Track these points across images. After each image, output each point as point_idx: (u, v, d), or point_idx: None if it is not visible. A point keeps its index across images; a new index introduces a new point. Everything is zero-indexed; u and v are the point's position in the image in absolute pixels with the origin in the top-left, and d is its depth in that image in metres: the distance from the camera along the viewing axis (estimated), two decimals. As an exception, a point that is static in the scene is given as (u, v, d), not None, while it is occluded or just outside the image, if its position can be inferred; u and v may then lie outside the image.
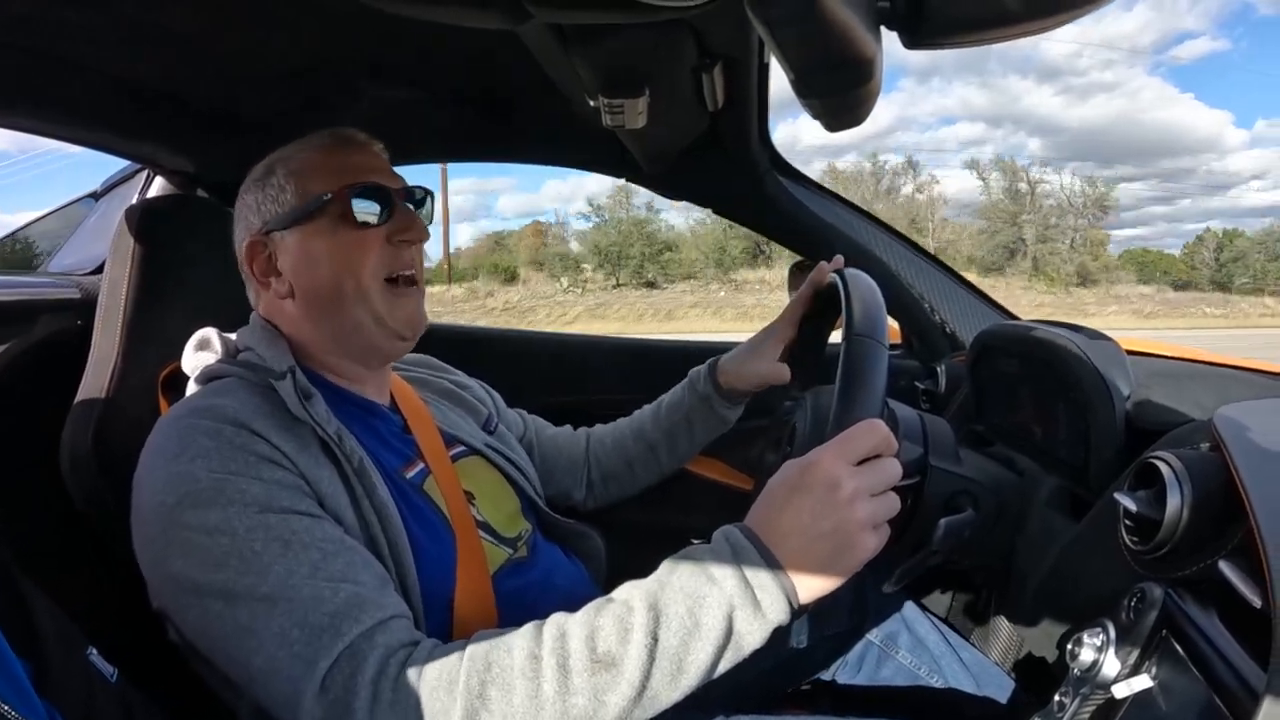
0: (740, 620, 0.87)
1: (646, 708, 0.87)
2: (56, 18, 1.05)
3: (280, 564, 0.91)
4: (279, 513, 0.94)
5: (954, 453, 1.25)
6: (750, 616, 0.87)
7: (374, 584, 0.94)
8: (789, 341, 1.48)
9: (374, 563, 0.98)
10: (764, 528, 0.92)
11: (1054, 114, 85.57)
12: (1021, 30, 0.53)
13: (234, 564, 0.91)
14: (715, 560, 0.90)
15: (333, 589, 0.90)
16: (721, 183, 2.03)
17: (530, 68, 1.21)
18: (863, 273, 1.19)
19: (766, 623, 0.88)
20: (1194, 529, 0.85)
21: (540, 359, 2.36)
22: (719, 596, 0.87)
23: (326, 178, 1.14)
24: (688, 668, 0.87)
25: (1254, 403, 1.09)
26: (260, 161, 1.19)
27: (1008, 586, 1.32)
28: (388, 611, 0.92)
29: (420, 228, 1.20)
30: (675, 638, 0.86)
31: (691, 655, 0.86)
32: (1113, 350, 1.28)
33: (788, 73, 0.62)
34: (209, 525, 0.92)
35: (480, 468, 1.31)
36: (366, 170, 1.17)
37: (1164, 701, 0.78)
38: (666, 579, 0.91)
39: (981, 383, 1.63)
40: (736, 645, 0.88)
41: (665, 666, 0.86)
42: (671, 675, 0.86)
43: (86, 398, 1.27)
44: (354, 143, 1.21)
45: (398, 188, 1.18)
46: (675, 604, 0.88)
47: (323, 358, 1.19)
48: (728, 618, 0.87)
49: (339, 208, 1.13)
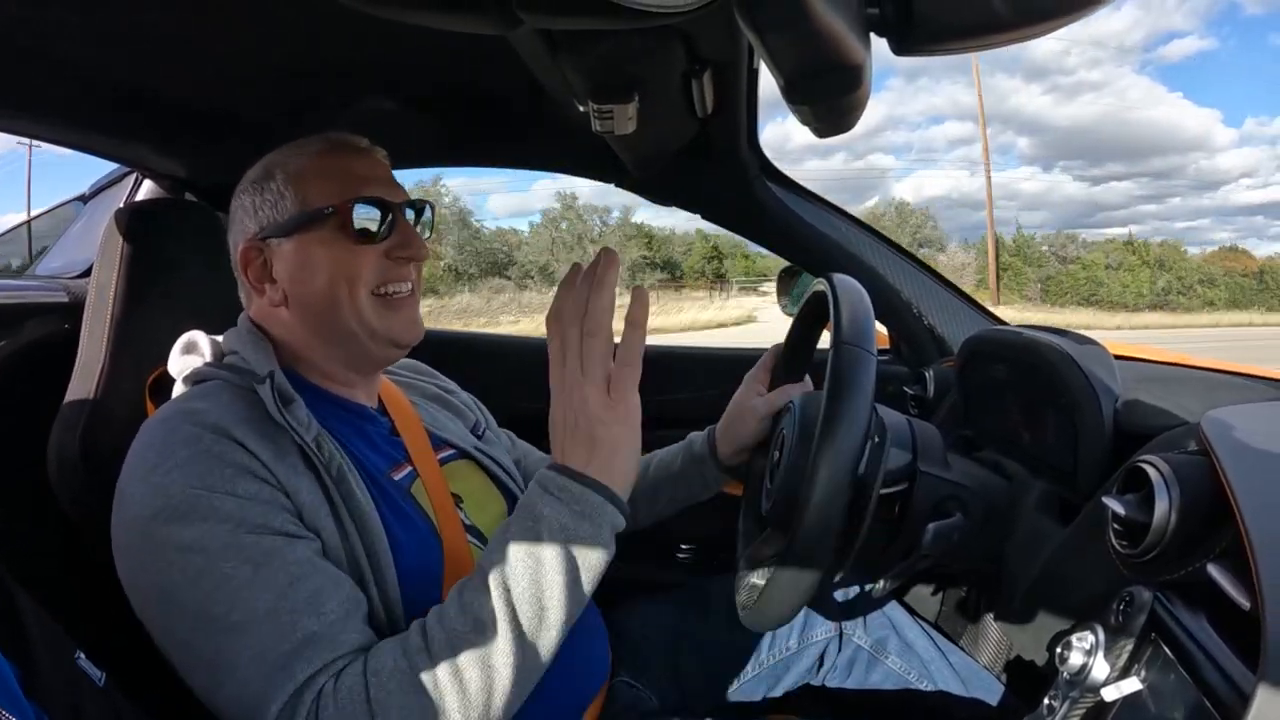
0: (575, 537, 0.95)
1: (532, 656, 0.93)
2: (44, 19, 1.05)
3: (249, 590, 0.92)
4: (253, 532, 0.94)
5: (942, 458, 1.25)
6: (578, 528, 0.96)
7: (338, 615, 0.95)
8: (766, 390, 1.48)
9: (344, 585, 0.98)
10: (555, 455, 1.03)
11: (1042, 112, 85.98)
12: (1011, 37, 0.54)
13: (205, 586, 0.92)
14: (531, 501, 0.98)
15: (292, 624, 0.91)
16: (710, 188, 2.03)
17: (520, 73, 1.21)
18: (852, 279, 1.19)
19: (597, 527, 0.97)
20: (1182, 532, 0.85)
21: (528, 363, 2.35)
22: (546, 528, 0.95)
23: (328, 188, 1.13)
24: (548, 603, 0.93)
25: (1241, 406, 1.10)
26: (255, 163, 1.18)
27: (997, 590, 1.33)
28: (340, 650, 0.93)
29: (420, 245, 1.19)
30: (525, 580, 0.94)
31: (546, 591, 0.93)
32: (1100, 354, 1.28)
33: (777, 79, 0.62)
34: (183, 542, 0.93)
35: (469, 471, 1.31)
36: (369, 181, 1.16)
37: (1153, 704, 0.78)
38: (502, 535, 0.98)
39: (970, 388, 1.63)
40: (586, 563, 0.96)
41: (528, 610, 0.92)
42: (538, 615, 0.93)
43: (74, 401, 1.27)
44: (356, 149, 1.20)
45: (399, 201, 1.18)
46: (515, 552, 0.95)
47: (315, 363, 1.18)
48: (563, 543, 0.95)
49: (339, 220, 1.12)
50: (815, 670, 1.51)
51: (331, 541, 1.01)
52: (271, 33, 1.20)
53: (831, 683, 1.50)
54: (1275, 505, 0.81)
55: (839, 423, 0.99)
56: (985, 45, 0.55)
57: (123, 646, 0.97)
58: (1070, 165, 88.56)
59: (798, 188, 2.07)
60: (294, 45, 1.25)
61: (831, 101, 0.65)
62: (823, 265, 2.03)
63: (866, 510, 1.10)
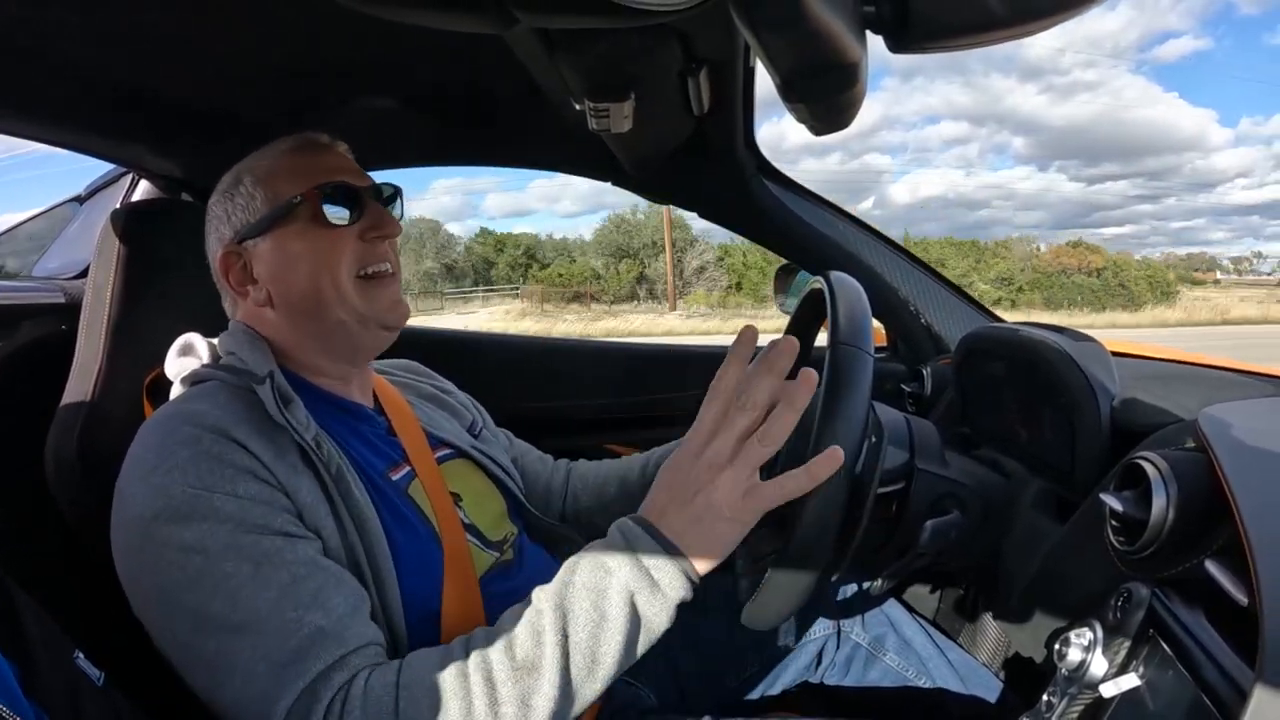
0: (642, 603, 0.92)
1: (571, 703, 0.91)
2: (43, 19, 1.05)
3: (250, 588, 0.91)
4: (253, 532, 0.94)
5: (940, 455, 1.25)
6: (650, 598, 0.92)
7: (344, 610, 0.94)
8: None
9: (348, 582, 0.98)
10: (650, 510, 0.98)
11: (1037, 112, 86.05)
12: (1007, 34, 0.54)
13: (205, 585, 0.91)
14: (610, 551, 0.95)
15: (298, 621, 0.91)
16: (707, 187, 2.04)
17: (516, 72, 1.21)
18: (849, 277, 1.19)
19: (668, 600, 0.93)
20: (1180, 529, 0.86)
21: (525, 362, 2.36)
22: (618, 585, 0.92)
23: (294, 180, 1.14)
24: (602, 658, 0.90)
25: (1238, 403, 1.10)
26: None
27: (995, 588, 1.33)
28: (349, 645, 0.92)
29: (392, 222, 1.20)
30: (584, 632, 0.90)
31: (603, 646, 0.90)
32: (1097, 351, 1.28)
33: (773, 77, 0.62)
34: (183, 543, 0.92)
35: (466, 470, 1.31)
36: (334, 170, 1.17)
37: (1151, 700, 0.78)
38: (569, 578, 0.94)
39: (967, 385, 1.63)
40: (647, 628, 0.93)
41: (580, 661, 0.90)
42: (588, 668, 0.90)
43: (71, 402, 1.26)
44: (318, 145, 1.21)
45: (365, 186, 1.19)
46: (580, 600, 0.92)
47: (306, 360, 1.19)
48: (629, 603, 0.91)
49: (310, 209, 1.13)
50: (813, 668, 1.51)
51: (332, 542, 1.01)
52: (270, 33, 1.20)
53: (830, 680, 1.50)
54: (1273, 502, 0.81)
55: (836, 421, 0.99)
56: (981, 43, 0.55)
57: (122, 646, 0.97)
58: (1066, 165, 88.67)
59: (795, 186, 2.07)
60: (292, 45, 1.25)
61: (828, 100, 0.65)
62: (820, 263, 2.03)
63: (864, 508, 1.10)
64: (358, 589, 0.99)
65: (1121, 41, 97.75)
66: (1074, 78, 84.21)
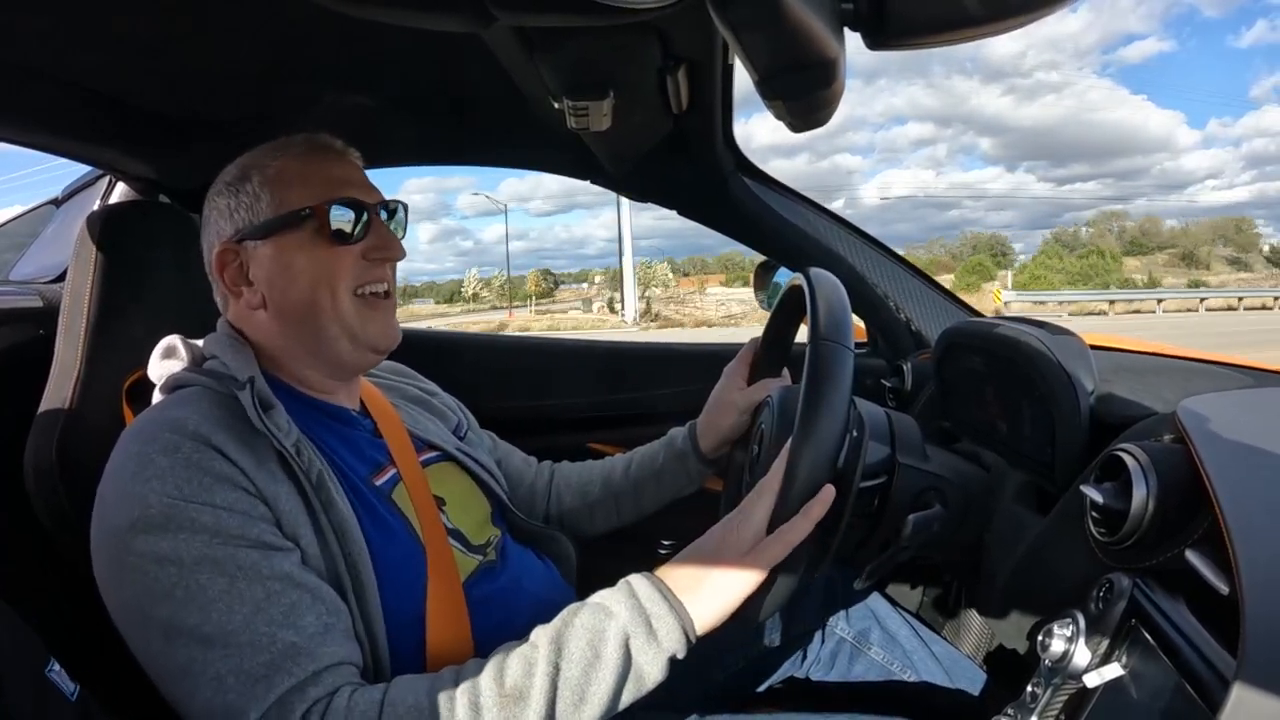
0: (637, 649, 0.93)
1: None
2: (14, 23, 1.04)
3: (223, 602, 0.91)
4: (229, 544, 0.94)
5: (921, 450, 1.25)
6: (645, 645, 0.94)
7: (316, 629, 0.95)
8: (746, 384, 1.48)
9: (324, 598, 0.98)
10: (662, 571, 1.02)
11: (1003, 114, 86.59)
12: (981, 31, 0.54)
13: (178, 596, 0.91)
14: (614, 597, 0.98)
15: (270, 636, 0.91)
16: (686, 184, 2.04)
17: (494, 70, 1.21)
18: (829, 273, 1.19)
19: (663, 651, 0.95)
20: (1160, 519, 0.86)
21: (510, 364, 2.35)
22: (615, 628, 0.94)
23: (305, 190, 1.13)
24: (590, 698, 0.91)
25: (1216, 395, 1.11)
26: (230, 163, 1.17)
27: (977, 580, 1.33)
28: (322, 662, 0.93)
29: (397, 246, 1.19)
30: (576, 668, 0.92)
31: (593, 685, 0.92)
32: (1076, 345, 1.29)
33: (752, 75, 0.62)
34: (159, 554, 0.92)
35: (451, 473, 1.30)
36: (345, 183, 1.16)
37: (1135, 689, 0.79)
38: (570, 618, 0.96)
39: (947, 380, 1.64)
40: (637, 675, 0.94)
41: (568, 696, 0.91)
42: (574, 705, 0.91)
43: (50, 408, 1.25)
44: (332, 152, 1.19)
45: (375, 202, 1.17)
46: (576, 638, 0.93)
47: (293, 367, 1.18)
48: (624, 646, 0.93)
49: (317, 223, 1.12)
50: (799, 663, 1.52)
51: (311, 550, 1.00)
52: (242, 34, 1.19)
53: (815, 675, 1.51)
54: (1251, 491, 0.82)
55: (817, 416, 1.00)
56: (957, 40, 0.55)
57: (100, 657, 0.97)
58: (1035, 165, 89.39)
59: (774, 183, 2.07)
60: (267, 46, 1.25)
61: (806, 97, 0.65)
62: (799, 259, 2.03)
63: (846, 503, 1.10)
64: (335, 605, 0.99)
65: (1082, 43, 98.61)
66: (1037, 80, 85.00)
